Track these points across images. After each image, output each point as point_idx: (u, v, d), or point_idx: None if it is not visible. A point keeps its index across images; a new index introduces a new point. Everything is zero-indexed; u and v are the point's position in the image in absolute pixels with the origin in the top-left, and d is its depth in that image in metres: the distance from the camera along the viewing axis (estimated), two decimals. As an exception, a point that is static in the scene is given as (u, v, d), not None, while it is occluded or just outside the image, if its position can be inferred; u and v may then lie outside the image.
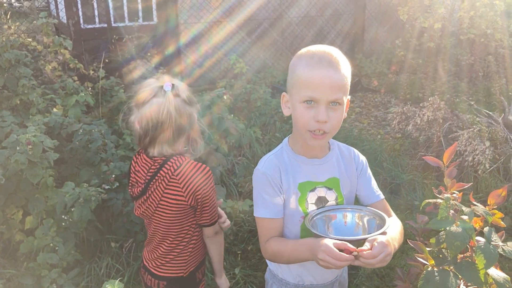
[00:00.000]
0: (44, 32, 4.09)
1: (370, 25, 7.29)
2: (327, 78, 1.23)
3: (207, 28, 6.24)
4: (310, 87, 1.24)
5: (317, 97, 1.24)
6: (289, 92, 1.34)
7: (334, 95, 1.25)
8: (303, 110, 1.27)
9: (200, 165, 1.51)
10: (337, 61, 1.26)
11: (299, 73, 1.27)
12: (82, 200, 2.40)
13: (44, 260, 2.33)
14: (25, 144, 2.37)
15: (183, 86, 1.52)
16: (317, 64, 1.24)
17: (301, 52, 1.33)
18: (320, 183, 1.39)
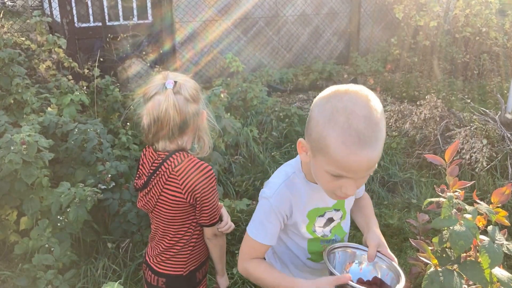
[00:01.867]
0: (38, 30, 4.04)
1: (366, 24, 7.29)
2: (366, 161, 1.05)
3: (203, 27, 6.21)
4: (344, 170, 1.07)
5: (350, 177, 1.10)
6: (312, 149, 1.14)
7: (369, 172, 1.11)
8: (329, 179, 1.12)
9: (202, 164, 1.49)
10: (379, 134, 1.06)
11: (330, 145, 1.05)
12: (77, 200, 2.37)
13: (39, 261, 2.29)
14: (20, 143, 2.34)
15: (189, 84, 1.49)
16: (357, 145, 1.03)
17: (335, 110, 1.06)
18: (329, 208, 1.36)
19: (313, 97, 6.09)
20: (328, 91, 1.14)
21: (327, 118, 1.07)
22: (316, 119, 1.10)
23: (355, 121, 1.03)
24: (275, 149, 4.22)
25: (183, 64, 6.19)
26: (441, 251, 1.27)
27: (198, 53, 6.29)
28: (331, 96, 1.11)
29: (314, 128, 1.11)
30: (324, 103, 1.11)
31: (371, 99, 1.08)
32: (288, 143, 4.30)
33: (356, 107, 1.05)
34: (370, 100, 1.07)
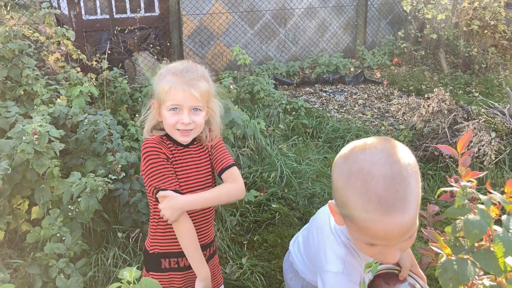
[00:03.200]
0: (47, 22, 4.06)
1: (372, 17, 7.26)
2: (395, 228, 0.92)
3: (209, 19, 6.20)
4: (375, 239, 0.96)
5: (385, 245, 0.99)
6: (342, 214, 1.04)
7: (406, 236, 0.98)
8: (366, 246, 1.02)
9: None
10: (406, 194, 0.92)
11: (353, 213, 0.95)
12: (88, 190, 2.38)
13: (51, 250, 2.31)
14: (31, 134, 2.36)
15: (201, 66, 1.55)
16: (379, 211, 0.91)
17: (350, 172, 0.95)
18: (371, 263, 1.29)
19: (319, 90, 6.11)
20: (346, 149, 1.03)
21: (344, 182, 0.97)
22: (336, 183, 1.01)
23: (373, 183, 0.91)
24: (282, 141, 4.23)
25: (190, 57, 6.20)
26: (454, 240, 1.27)
27: (204, 46, 6.29)
28: (348, 155, 1.00)
29: (336, 193, 1.01)
30: (341, 164, 1.01)
31: (394, 152, 0.95)
32: (295, 136, 4.31)
33: (373, 166, 0.93)
34: (392, 154, 0.95)
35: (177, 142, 1.56)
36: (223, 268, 2.59)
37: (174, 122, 1.47)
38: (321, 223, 1.30)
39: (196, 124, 1.49)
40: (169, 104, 1.46)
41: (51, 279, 2.26)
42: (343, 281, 1.14)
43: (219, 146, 1.62)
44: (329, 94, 5.89)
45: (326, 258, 1.18)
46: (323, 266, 1.18)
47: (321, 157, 3.88)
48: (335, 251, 1.17)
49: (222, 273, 2.57)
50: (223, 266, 2.61)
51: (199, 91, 1.46)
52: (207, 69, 1.58)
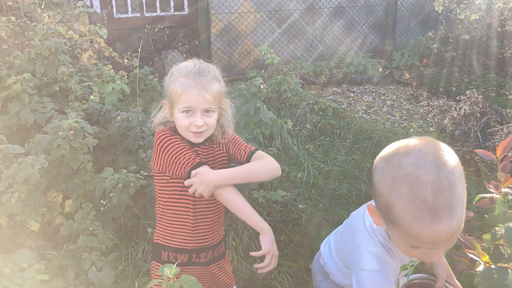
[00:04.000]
0: (81, 21, 4.15)
1: (402, 17, 7.14)
2: (443, 233, 0.91)
3: (238, 18, 6.22)
4: (422, 244, 0.95)
5: (432, 249, 0.98)
6: (382, 217, 1.03)
7: (452, 241, 0.96)
8: (409, 249, 1.01)
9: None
10: (454, 199, 0.91)
11: (400, 220, 0.94)
12: (121, 186, 2.44)
13: (84, 243, 2.38)
14: (67, 129, 2.42)
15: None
16: (429, 218, 0.90)
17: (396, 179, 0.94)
18: (414, 260, 1.28)
19: (347, 90, 6.05)
20: (387, 151, 1.01)
21: (389, 188, 0.95)
22: (378, 188, 0.99)
23: (421, 189, 0.90)
24: (309, 141, 4.21)
25: (218, 56, 6.24)
26: (494, 248, 1.25)
27: (232, 45, 6.32)
28: (391, 159, 0.98)
29: (378, 198, 0.99)
30: (384, 168, 0.99)
31: (439, 155, 0.93)
32: (322, 136, 4.29)
33: (420, 172, 0.91)
34: (438, 157, 0.93)
35: (189, 142, 1.56)
36: (250, 266, 2.60)
37: (188, 124, 1.48)
38: (355, 223, 1.29)
39: (208, 126, 1.50)
40: (182, 106, 1.47)
41: (84, 271, 2.32)
42: (379, 279, 1.12)
43: (235, 138, 1.62)
44: (356, 95, 5.83)
45: (361, 256, 1.17)
46: (358, 264, 1.16)
47: (348, 158, 3.85)
48: (370, 250, 1.16)
49: (249, 271, 2.59)
50: (250, 264, 2.62)
51: (212, 94, 1.47)
52: (218, 69, 1.58)
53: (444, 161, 0.92)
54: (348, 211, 3.20)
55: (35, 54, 3.19)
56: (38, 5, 4.95)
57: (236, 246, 2.64)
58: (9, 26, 3.65)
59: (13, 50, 3.46)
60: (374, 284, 1.12)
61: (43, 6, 5.15)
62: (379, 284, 1.12)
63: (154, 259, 1.69)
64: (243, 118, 2.99)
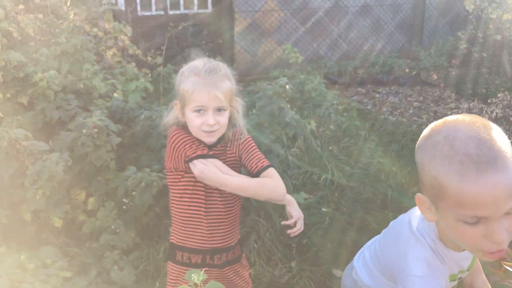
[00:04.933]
0: (106, 18, 4.18)
1: (430, 16, 6.97)
2: (493, 189, 0.83)
3: (262, 17, 6.18)
4: (468, 207, 0.87)
5: (483, 216, 0.87)
6: (431, 199, 0.96)
7: (509, 205, 0.85)
8: (466, 229, 0.90)
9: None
10: (498, 153, 0.84)
11: (444, 184, 0.88)
12: (143, 184, 2.42)
13: (106, 241, 2.38)
14: (91, 127, 2.42)
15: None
16: (473, 171, 0.83)
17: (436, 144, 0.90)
18: (464, 271, 1.19)
19: (372, 91, 5.94)
20: (426, 131, 0.99)
21: (430, 156, 0.91)
22: (421, 164, 0.95)
23: (462, 145, 0.85)
24: (333, 143, 4.14)
25: (241, 54, 6.21)
26: (534, 262, 1.17)
27: (255, 43, 6.28)
28: (429, 133, 0.96)
29: (422, 174, 0.95)
30: (423, 143, 0.96)
31: (477, 120, 0.90)
32: (347, 138, 4.20)
33: (458, 132, 0.88)
34: (476, 121, 0.89)
35: (201, 142, 1.54)
36: (271, 269, 2.56)
37: (200, 123, 1.46)
38: (398, 230, 1.22)
39: (220, 124, 1.48)
40: (193, 106, 1.45)
41: (105, 270, 2.31)
42: (430, 284, 1.03)
43: (250, 146, 1.59)
44: (382, 95, 5.71)
45: (407, 263, 1.07)
46: (405, 271, 1.07)
47: (374, 161, 3.76)
48: (418, 255, 1.07)
49: (270, 274, 2.55)
50: (272, 267, 2.58)
51: (223, 92, 1.46)
52: (229, 68, 1.57)
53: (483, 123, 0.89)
54: (373, 216, 3.13)
55: (60, 51, 3.21)
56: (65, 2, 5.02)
57: (258, 249, 2.60)
58: (36, 24, 3.69)
59: (39, 47, 3.49)
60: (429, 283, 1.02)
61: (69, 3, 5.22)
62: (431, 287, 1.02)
63: (169, 259, 1.69)
64: (267, 119, 2.95)
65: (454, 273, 1.16)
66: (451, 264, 1.12)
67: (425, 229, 1.11)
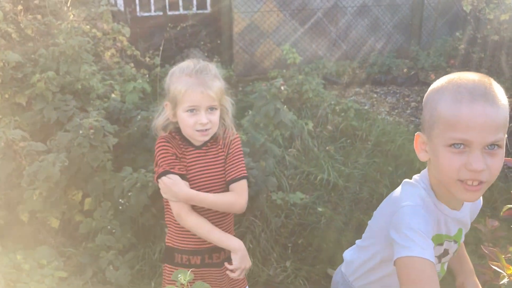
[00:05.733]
0: (104, 19, 4.20)
1: (429, 16, 6.98)
2: (482, 115, 0.96)
3: (260, 17, 6.19)
4: (458, 128, 0.98)
5: (468, 140, 0.98)
6: (427, 133, 1.08)
7: (492, 137, 0.97)
8: (450, 156, 1.01)
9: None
10: (493, 91, 0.98)
11: (441, 110, 1.01)
12: (139, 185, 2.44)
13: (102, 242, 2.40)
14: (88, 128, 2.44)
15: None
16: (467, 98, 0.97)
17: (441, 83, 1.05)
18: (450, 237, 1.21)
19: (370, 91, 5.95)
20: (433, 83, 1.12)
21: (436, 91, 1.05)
22: (426, 100, 1.09)
23: (463, 82, 1.01)
24: (330, 143, 4.15)
25: (239, 55, 6.23)
26: (520, 262, 1.19)
27: (254, 44, 6.29)
28: (438, 80, 1.09)
29: (425, 109, 1.09)
30: (432, 88, 1.09)
31: (479, 75, 1.03)
32: (344, 138, 4.22)
33: (463, 77, 1.03)
34: (477, 76, 1.03)
35: (190, 143, 1.57)
36: (267, 269, 2.58)
37: (193, 123, 1.49)
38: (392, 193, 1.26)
39: (212, 123, 1.52)
40: (186, 105, 1.48)
41: (101, 270, 2.34)
42: (421, 213, 1.08)
43: (235, 152, 1.61)
44: (380, 96, 5.72)
45: (400, 199, 1.14)
46: (397, 205, 1.12)
47: (370, 161, 3.78)
48: (413, 192, 1.15)
49: (265, 274, 2.56)
50: (267, 267, 2.60)
51: (215, 91, 1.49)
52: (218, 68, 1.60)
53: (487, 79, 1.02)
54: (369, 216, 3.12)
55: (59, 52, 3.23)
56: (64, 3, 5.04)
57: (253, 249, 2.62)
58: (35, 25, 3.72)
59: (38, 48, 3.52)
60: (416, 216, 1.07)
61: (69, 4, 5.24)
62: (421, 217, 1.07)
63: (166, 262, 1.69)
64: (263, 119, 2.96)
65: (441, 234, 1.17)
66: (440, 218, 1.15)
67: (420, 179, 1.18)
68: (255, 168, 2.65)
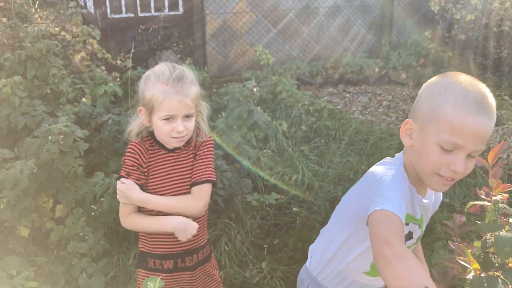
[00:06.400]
0: (74, 21, 4.12)
1: (399, 17, 7.12)
2: (482, 128, 1.04)
3: (233, 18, 6.19)
4: (458, 135, 1.04)
5: (462, 146, 1.05)
6: (420, 124, 1.12)
7: (482, 146, 1.08)
8: (439, 153, 1.08)
9: None
10: (492, 105, 1.06)
11: (447, 112, 1.05)
12: (111, 190, 2.41)
13: (74, 249, 2.35)
14: (57, 133, 2.39)
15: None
16: (475, 108, 1.03)
17: (448, 81, 1.09)
18: (415, 219, 1.28)
19: (343, 91, 6.03)
20: (434, 76, 1.16)
21: (443, 89, 1.08)
22: (429, 94, 1.11)
23: (472, 89, 1.05)
24: (304, 143, 4.19)
25: (212, 56, 6.21)
26: (484, 256, 1.22)
27: (227, 45, 6.29)
28: (441, 76, 1.13)
29: (426, 102, 1.11)
30: (436, 81, 1.12)
31: (482, 83, 1.10)
32: (317, 138, 4.26)
33: (470, 82, 1.07)
34: (481, 83, 1.09)
35: (163, 146, 1.57)
36: (242, 271, 2.58)
37: (169, 130, 1.48)
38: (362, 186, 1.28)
39: (188, 130, 1.52)
40: (163, 114, 1.47)
41: (74, 278, 2.29)
42: (401, 183, 1.15)
43: (204, 155, 1.61)
44: (352, 95, 5.81)
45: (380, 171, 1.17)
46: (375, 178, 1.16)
47: (343, 160, 3.83)
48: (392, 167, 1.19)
49: (241, 276, 2.56)
50: (243, 269, 2.60)
51: (192, 99, 1.49)
52: (192, 70, 1.58)
53: (489, 91, 1.09)
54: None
55: (25, 56, 3.15)
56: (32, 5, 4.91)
57: (229, 251, 2.62)
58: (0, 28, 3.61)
59: (3, 51, 3.42)
60: (395, 182, 1.13)
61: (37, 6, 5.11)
62: (400, 186, 1.14)
63: (140, 267, 1.68)
64: (236, 121, 2.96)
65: (409, 214, 1.23)
66: (409, 198, 1.21)
67: (395, 161, 1.24)
68: (229, 170, 2.65)
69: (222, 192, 2.56)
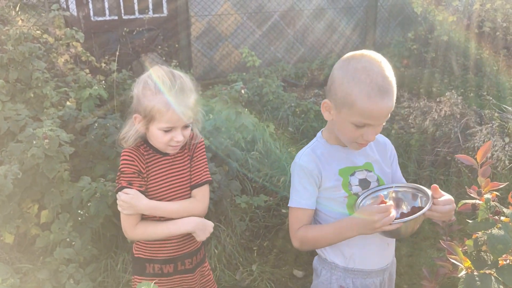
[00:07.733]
0: (56, 24, 4.06)
1: (382, 18, 7.20)
2: (386, 108, 1.29)
3: (218, 20, 6.18)
4: (367, 117, 1.29)
5: (371, 124, 1.31)
6: (335, 104, 1.35)
7: (386, 119, 1.33)
8: (353, 129, 1.33)
9: None
10: (393, 87, 1.30)
11: (355, 100, 1.27)
12: (98, 195, 2.37)
13: (61, 255, 2.30)
14: (42, 138, 2.34)
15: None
16: (378, 96, 1.26)
17: (354, 67, 1.29)
18: (359, 167, 1.47)
19: (328, 92, 6.05)
20: (346, 56, 1.36)
21: (350, 77, 1.28)
22: (340, 80, 1.32)
23: (374, 77, 1.26)
24: (291, 144, 4.19)
25: (198, 58, 6.18)
26: (476, 255, 1.24)
27: (213, 47, 6.27)
28: (350, 59, 1.33)
29: (339, 88, 1.32)
30: (345, 65, 1.32)
31: (382, 60, 1.31)
32: (305, 139, 4.27)
33: (372, 66, 1.28)
34: (382, 61, 1.30)
35: (157, 151, 1.54)
36: (233, 274, 2.56)
37: (168, 140, 1.47)
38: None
39: (185, 138, 1.51)
40: (164, 125, 1.44)
41: (61, 284, 2.24)
42: (296, 171, 1.46)
43: (200, 156, 1.61)
44: (338, 96, 5.83)
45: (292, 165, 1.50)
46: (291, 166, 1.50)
47: (331, 161, 3.84)
48: (304, 148, 1.49)
49: (232, 279, 2.55)
50: (233, 272, 2.59)
51: (192, 108, 1.48)
52: (193, 81, 1.55)
53: (386, 64, 1.31)
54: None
55: (7, 59, 3.09)
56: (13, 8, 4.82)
57: (218, 254, 2.60)
58: (-20, 31, 3.53)
59: (-15, 55, 3.34)
60: (294, 177, 1.47)
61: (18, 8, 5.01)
62: (297, 172, 1.45)
63: (136, 274, 1.66)
64: (224, 123, 2.95)
65: (349, 166, 1.46)
66: (339, 157, 1.46)
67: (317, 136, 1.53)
68: (218, 172, 2.63)
69: (212, 194, 2.55)
